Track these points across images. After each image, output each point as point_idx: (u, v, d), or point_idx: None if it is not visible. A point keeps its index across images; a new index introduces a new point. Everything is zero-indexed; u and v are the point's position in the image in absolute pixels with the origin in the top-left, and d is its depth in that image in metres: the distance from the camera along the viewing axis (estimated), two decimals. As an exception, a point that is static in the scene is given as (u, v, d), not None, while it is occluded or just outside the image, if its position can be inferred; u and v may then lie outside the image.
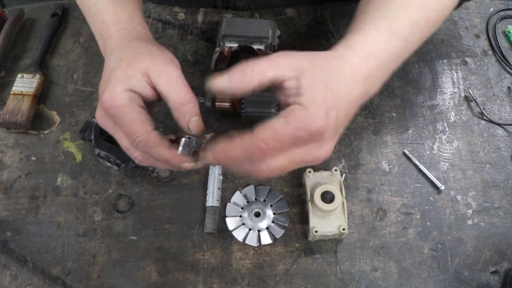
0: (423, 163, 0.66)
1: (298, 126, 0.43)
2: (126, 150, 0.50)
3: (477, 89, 0.73)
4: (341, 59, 0.47)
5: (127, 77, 0.48)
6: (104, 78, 0.50)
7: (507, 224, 0.62)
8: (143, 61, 0.49)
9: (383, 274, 0.59)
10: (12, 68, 0.74)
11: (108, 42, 0.54)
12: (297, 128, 0.43)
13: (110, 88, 0.47)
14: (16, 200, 0.64)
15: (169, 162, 0.49)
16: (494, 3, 0.81)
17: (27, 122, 0.68)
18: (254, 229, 0.62)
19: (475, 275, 0.59)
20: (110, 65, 0.50)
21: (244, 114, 0.66)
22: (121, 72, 0.48)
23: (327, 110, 0.44)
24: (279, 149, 0.44)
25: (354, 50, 0.48)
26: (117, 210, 0.63)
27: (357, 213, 0.63)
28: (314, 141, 0.44)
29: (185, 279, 0.59)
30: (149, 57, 0.50)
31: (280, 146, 0.44)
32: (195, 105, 0.49)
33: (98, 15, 0.57)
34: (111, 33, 0.54)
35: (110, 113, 0.47)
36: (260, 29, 0.67)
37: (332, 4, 0.80)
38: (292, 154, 0.45)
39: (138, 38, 0.54)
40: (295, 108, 0.44)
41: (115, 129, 0.49)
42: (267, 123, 0.44)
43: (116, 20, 0.55)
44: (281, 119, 0.43)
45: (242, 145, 0.44)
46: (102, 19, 0.56)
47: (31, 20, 0.80)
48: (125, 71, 0.48)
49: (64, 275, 0.59)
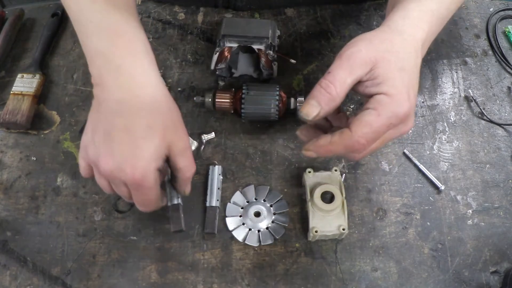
0: (423, 163, 0.66)
1: (388, 115, 0.47)
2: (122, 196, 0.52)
3: (477, 89, 0.73)
4: (402, 33, 0.50)
5: (158, 157, 0.49)
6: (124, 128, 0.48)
7: (507, 224, 0.62)
8: (170, 136, 0.50)
9: (383, 274, 0.59)
10: (12, 68, 0.74)
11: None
12: (388, 117, 0.47)
13: (145, 166, 0.48)
14: (16, 200, 0.64)
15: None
16: (494, 3, 0.81)
17: (27, 122, 0.68)
18: (254, 229, 0.62)
19: (475, 275, 0.59)
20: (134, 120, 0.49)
21: (244, 114, 0.66)
22: (154, 148, 0.49)
23: (407, 92, 0.48)
24: (374, 140, 0.48)
25: (410, 19, 0.51)
26: (117, 210, 0.63)
27: (357, 213, 0.63)
28: (402, 122, 0.48)
29: (185, 279, 0.59)
30: (174, 131, 0.51)
31: (376, 138, 0.48)
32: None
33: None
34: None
35: (135, 186, 0.49)
36: (260, 29, 0.67)
37: (332, 4, 0.80)
38: (384, 138, 0.49)
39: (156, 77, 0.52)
40: (381, 98, 0.47)
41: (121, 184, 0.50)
42: (361, 119, 0.47)
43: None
44: (373, 112, 0.47)
45: (343, 142, 0.48)
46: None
47: (31, 20, 0.80)
48: (157, 148, 0.49)
49: (64, 275, 0.59)
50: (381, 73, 0.47)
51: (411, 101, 0.48)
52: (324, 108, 0.48)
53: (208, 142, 0.67)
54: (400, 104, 0.47)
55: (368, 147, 0.48)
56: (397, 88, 0.47)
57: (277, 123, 0.69)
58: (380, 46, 0.49)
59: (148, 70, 0.51)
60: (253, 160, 0.67)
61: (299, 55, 0.75)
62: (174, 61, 0.75)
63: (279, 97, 0.66)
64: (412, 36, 0.51)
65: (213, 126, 0.69)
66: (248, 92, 0.66)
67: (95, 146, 0.49)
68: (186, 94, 0.72)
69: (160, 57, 0.75)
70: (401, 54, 0.49)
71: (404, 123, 0.49)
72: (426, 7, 0.53)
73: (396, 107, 0.47)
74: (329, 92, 0.48)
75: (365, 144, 0.47)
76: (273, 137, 0.68)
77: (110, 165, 0.48)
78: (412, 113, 0.49)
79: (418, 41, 0.51)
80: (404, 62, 0.49)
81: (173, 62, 0.74)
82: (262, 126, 0.69)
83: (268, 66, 0.67)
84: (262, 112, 0.66)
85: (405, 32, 0.51)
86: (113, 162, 0.48)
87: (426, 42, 0.53)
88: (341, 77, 0.48)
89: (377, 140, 0.49)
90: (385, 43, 0.49)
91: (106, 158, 0.48)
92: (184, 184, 0.56)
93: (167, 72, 0.73)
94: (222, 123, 0.69)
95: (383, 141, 0.50)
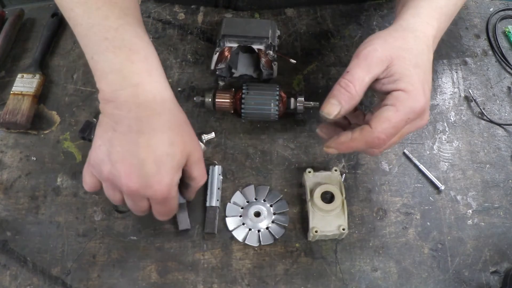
0: (423, 163, 0.66)
1: (406, 110, 0.49)
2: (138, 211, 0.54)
3: (477, 89, 0.73)
4: (414, 30, 0.53)
5: (179, 168, 0.51)
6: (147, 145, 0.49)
7: (507, 224, 0.62)
8: (188, 149, 0.52)
9: (383, 274, 0.59)
10: (12, 68, 0.74)
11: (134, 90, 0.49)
12: (406, 112, 0.49)
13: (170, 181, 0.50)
14: (16, 200, 0.64)
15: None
16: (494, 3, 0.81)
17: (27, 122, 0.68)
18: (254, 229, 0.62)
19: (475, 275, 0.59)
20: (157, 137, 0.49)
21: (244, 114, 0.66)
22: (177, 162, 0.51)
23: (423, 87, 0.50)
24: (394, 134, 0.50)
25: (420, 16, 0.54)
26: (117, 210, 0.63)
27: (357, 213, 0.63)
28: (419, 117, 0.51)
29: (185, 279, 0.59)
30: (191, 143, 0.53)
31: (395, 133, 0.50)
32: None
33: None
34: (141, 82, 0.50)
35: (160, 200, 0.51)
36: (260, 29, 0.67)
37: (332, 4, 0.80)
38: (402, 132, 0.51)
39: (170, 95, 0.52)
40: (398, 95, 0.49)
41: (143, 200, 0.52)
42: (380, 115, 0.49)
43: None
44: (391, 108, 0.49)
45: (364, 138, 0.50)
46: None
47: (31, 20, 0.80)
48: (179, 162, 0.51)
49: (64, 275, 0.59)
50: (397, 70, 0.49)
51: (426, 96, 0.50)
52: (345, 106, 0.50)
53: (208, 142, 0.67)
54: (417, 100, 0.49)
55: (388, 142, 0.50)
56: (413, 84, 0.49)
57: (277, 123, 0.69)
58: (394, 44, 0.51)
59: (164, 86, 0.52)
60: (253, 160, 0.67)
61: (299, 55, 0.75)
62: (174, 61, 0.75)
63: (279, 97, 0.66)
64: (423, 33, 0.53)
65: (213, 126, 0.69)
66: (248, 92, 0.66)
67: (113, 164, 0.49)
68: (186, 94, 0.72)
69: (160, 57, 0.73)
70: (414, 51, 0.51)
71: (421, 118, 0.51)
72: (435, 4, 0.55)
73: (413, 103, 0.49)
74: (349, 91, 0.50)
75: (385, 139, 0.49)
76: (273, 137, 0.68)
77: (135, 183, 0.49)
78: (427, 107, 0.51)
79: (429, 37, 0.53)
80: (418, 58, 0.51)
81: (173, 62, 0.74)
82: (262, 126, 0.69)
83: (268, 66, 0.67)
84: (262, 112, 0.66)
85: (417, 30, 0.53)
86: (139, 180, 0.49)
87: (436, 38, 0.55)
88: (360, 76, 0.50)
89: (396, 135, 0.50)
90: (399, 40, 0.51)
91: (131, 176, 0.49)
92: (194, 192, 0.58)
93: (167, 72, 0.73)
94: (222, 123, 0.69)
95: (401, 135, 0.52)
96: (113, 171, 0.49)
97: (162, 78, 0.52)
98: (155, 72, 0.51)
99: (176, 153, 0.50)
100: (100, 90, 0.50)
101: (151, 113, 0.49)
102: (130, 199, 0.52)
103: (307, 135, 0.68)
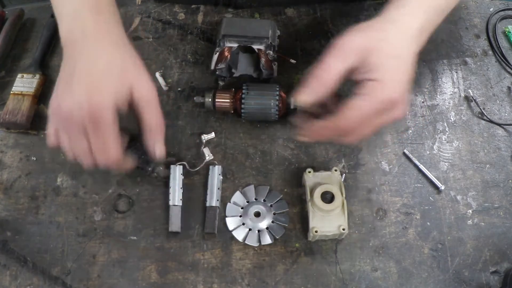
0: (423, 163, 0.66)
1: (377, 100, 0.49)
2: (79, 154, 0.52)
3: (477, 89, 0.73)
4: (395, 21, 0.52)
5: (117, 91, 0.50)
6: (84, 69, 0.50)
7: (507, 224, 0.62)
8: (131, 75, 0.52)
9: (383, 274, 0.59)
10: (12, 68, 0.74)
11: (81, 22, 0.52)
12: (377, 102, 0.49)
13: (102, 100, 0.49)
14: (16, 200, 0.64)
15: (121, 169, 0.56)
16: (494, 3, 0.81)
17: (27, 122, 0.68)
18: (254, 229, 0.62)
19: (475, 275, 0.59)
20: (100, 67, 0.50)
21: (244, 114, 0.66)
22: (112, 84, 0.50)
23: (400, 78, 0.50)
24: (365, 123, 0.50)
25: (405, 8, 0.53)
26: (117, 210, 0.63)
27: (357, 213, 0.63)
28: (394, 107, 0.50)
29: (185, 279, 0.59)
30: (135, 71, 0.53)
31: (366, 121, 0.50)
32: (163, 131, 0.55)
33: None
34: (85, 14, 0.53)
35: (92, 117, 0.48)
36: (260, 29, 0.67)
37: (332, 4, 0.80)
38: (376, 122, 0.51)
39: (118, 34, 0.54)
40: (373, 84, 0.49)
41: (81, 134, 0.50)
42: (350, 103, 0.49)
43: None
44: (362, 97, 0.49)
45: (334, 126, 0.50)
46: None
47: (31, 20, 0.80)
48: (116, 83, 0.50)
49: (64, 275, 0.59)
50: (373, 61, 0.49)
51: (403, 88, 0.50)
52: (316, 94, 0.50)
53: (208, 142, 0.67)
54: (392, 90, 0.49)
55: (359, 131, 0.51)
56: (388, 75, 0.49)
57: (277, 123, 0.69)
58: (373, 35, 0.51)
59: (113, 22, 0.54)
60: (253, 160, 0.67)
61: (299, 55, 0.75)
62: (174, 61, 0.75)
63: (279, 97, 0.66)
64: (406, 24, 0.52)
65: (213, 126, 0.69)
66: (248, 92, 0.66)
67: (57, 97, 0.50)
68: (186, 94, 0.72)
69: (160, 57, 0.75)
70: (394, 42, 0.51)
71: (395, 109, 0.50)
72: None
73: (385, 93, 0.49)
74: (320, 80, 0.50)
75: (354, 127, 0.50)
76: (273, 137, 0.68)
77: (69, 104, 0.49)
78: (404, 99, 0.51)
79: (413, 29, 0.52)
80: (398, 50, 0.51)
81: (173, 62, 0.74)
82: (262, 126, 0.69)
83: (268, 66, 0.67)
84: (262, 112, 0.66)
85: (399, 21, 0.52)
86: (72, 100, 0.49)
87: (424, 30, 0.54)
88: (333, 65, 0.50)
89: (368, 125, 0.51)
90: (379, 32, 0.51)
91: (66, 99, 0.49)
92: (152, 139, 0.55)
93: (167, 72, 0.73)
94: (222, 123, 0.69)
95: (375, 126, 0.52)
96: (57, 102, 0.50)
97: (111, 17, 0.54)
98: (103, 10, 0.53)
99: (112, 75, 0.50)
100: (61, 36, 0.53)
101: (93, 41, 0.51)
102: (69, 130, 0.51)
103: (307, 135, 0.68)
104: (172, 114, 0.70)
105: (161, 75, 0.73)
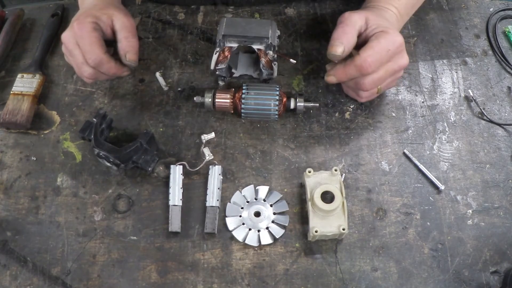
0: (423, 163, 0.66)
1: (387, 41, 0.60)
2: (79, 66, 0.63)
3: (477, 89, 0.73)
4: (383, 9, 0.68)
5: (97, 16, 0.64)
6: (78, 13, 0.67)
7: (507, 224, 0.62)
8: (110, 9, 0.66)
9: (383, 274, 0.59)
10: (12, 68, 0.74)
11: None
12: (387, 42, 0.60)
13: (82, 18, 0.63)
14: (16, 200, 0.64)
15: (114, 74, 0.66)
16: (494, 3, 0.81)
17: (27, 122, 0.68)
18: (254, 229, 0.62)
19: (475, 275, 0.59)
20: (85, 6, 0.68)
21: (244, 114, 0.66)
22: (94, 11, 0.65)
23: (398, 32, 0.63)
24: (378, 63, 0.61)
25: (391, 3, 0.68)
26: (117, 210, 0.63)
27: (357, 213, 0.63)
28: (398, 52, 0.62)
29: (185, 279, 0.59)
30: (116, 8, 0.67)
31: (379, 60, 0.60)
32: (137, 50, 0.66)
33: None
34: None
35: (77, 34, 0.62)
36: (260, 29, 0.67)
37: (332, 4, 0.80)
38: (386, 66, 0.62)
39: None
40: (379, 33, 0.61)
41: (75, 47, 0.62)
42: (366, 45, 0.61)
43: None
44: (374, 40, 0.61)
45: (354, 63, 0.61)
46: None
47: (31, 20, 0.80)
48: (96, 12, 0.65)
49: (64, 275, 0.59)
50: (375, 23, 0.63)
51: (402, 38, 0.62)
52: (347, 46, 0.61)
53: (208, 142, 0.67)
54: (395, 35, 0.61)
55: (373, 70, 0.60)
56: (390, 28, 0.62)
57: (277, 123, 0.69)
58: (366, 11, 0.65)
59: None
60: (253, 160, 0.67)
61: (299, 55, 0.75)
62: (174, 61, 0.75)
63: (279, 97, 0.66)
64: (386, 8, 0.67)
65: (213, 126, 0.69)
66: (248, 92, 0.66)
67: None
68: (186, 94, 0.72)
69: (160, 57, 0.75)
70: (384, 15, 0.66)
71: (401, 55, 0.62)
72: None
73: (391, 37, 0.61)
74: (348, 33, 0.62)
75: (371, 63, 0.60)
76: (273, 137, 0.68)
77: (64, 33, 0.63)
78: (404, 49, 0.62)
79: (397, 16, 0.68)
80: (389, 21, 0.66)
81: (173, 62, 0.74)
82: (262, 126, 0.69)
83: (268, 66, 0.67)
84: (262, 112, 0.66)
85: (380, 7, 0.68)
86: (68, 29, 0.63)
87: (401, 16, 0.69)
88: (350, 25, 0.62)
89: (381, 68, 0.61)
90: (369, 9, 0.67)
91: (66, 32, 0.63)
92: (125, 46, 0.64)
93: (167, 72, 0.73)
94: (222, 123, 0.69)
95: (386, 69, 0.62)
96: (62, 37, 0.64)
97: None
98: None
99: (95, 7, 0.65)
100: None
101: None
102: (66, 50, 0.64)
103: (307, 135, 0.68)
104: (172, 114, 0.70)
105: (161, 75, 0.73)
